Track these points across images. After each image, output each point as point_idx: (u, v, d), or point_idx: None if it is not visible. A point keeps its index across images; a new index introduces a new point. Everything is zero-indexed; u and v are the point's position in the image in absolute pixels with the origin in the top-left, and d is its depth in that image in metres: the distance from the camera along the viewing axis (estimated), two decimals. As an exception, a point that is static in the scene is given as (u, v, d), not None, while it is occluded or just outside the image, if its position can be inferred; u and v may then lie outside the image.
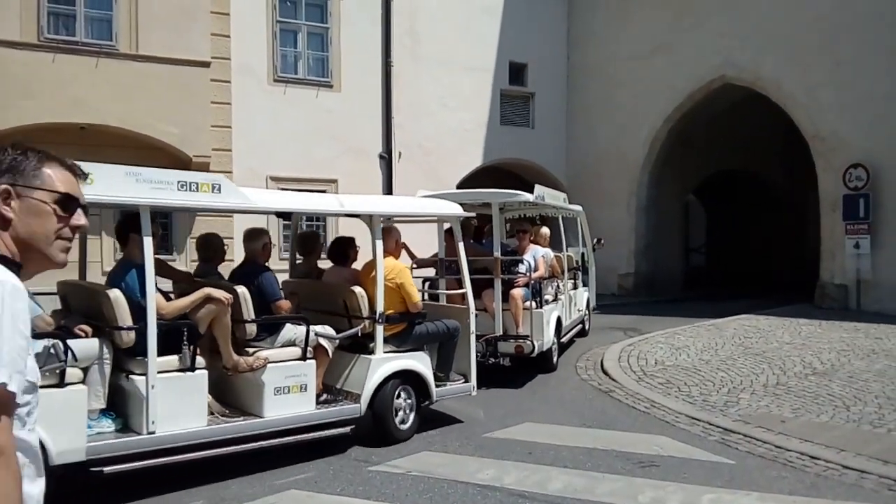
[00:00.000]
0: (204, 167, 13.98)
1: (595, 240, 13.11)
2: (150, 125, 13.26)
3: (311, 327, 5.80)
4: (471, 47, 17.90)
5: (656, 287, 18.50)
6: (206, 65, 13.78)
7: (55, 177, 1.59)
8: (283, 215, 6.93)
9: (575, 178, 19.14)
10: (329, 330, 6.02)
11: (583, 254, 12.50)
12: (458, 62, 17.68)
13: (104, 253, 13.71)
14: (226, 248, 7.16)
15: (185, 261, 14.44)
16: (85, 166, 3.82)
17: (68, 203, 1.59)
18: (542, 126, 19.34)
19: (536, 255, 9.27)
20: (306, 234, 8.03)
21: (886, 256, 13.69)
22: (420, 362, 6.37)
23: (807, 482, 5.08)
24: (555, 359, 9.33)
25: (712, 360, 9.29)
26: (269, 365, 5.53)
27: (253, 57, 15.12)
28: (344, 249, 7.02)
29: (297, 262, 7.66)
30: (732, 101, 17.57)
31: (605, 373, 8.81)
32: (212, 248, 6.66)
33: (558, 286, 9.98)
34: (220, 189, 5.27)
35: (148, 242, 4.98)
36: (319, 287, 6.81)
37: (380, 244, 6.22)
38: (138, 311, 4.93)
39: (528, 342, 8.36)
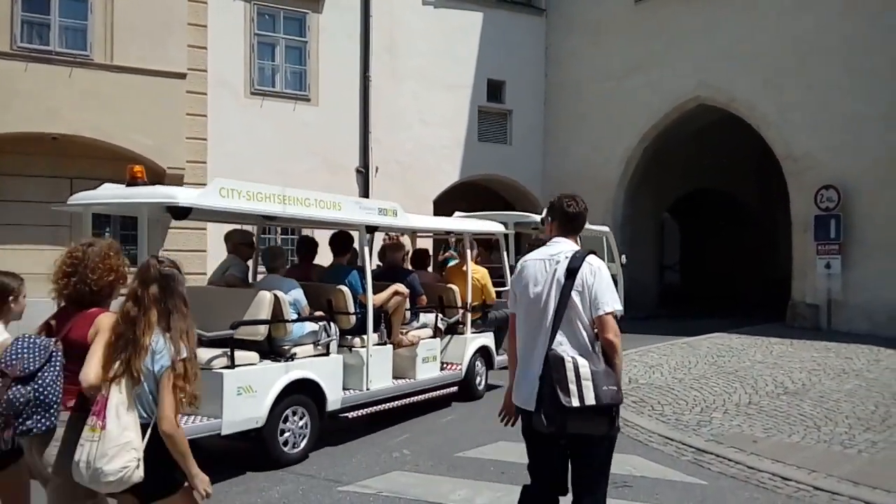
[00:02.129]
0: (178, 179, 13.86)
1: (622, 256, 14.74)
2: (124, 136, 13.12)
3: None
4: (449, 64, 17.96)
5: (631, 304, 18.41)
6: (182, 76, 13.69)
7: None
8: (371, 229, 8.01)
9: (551, 194, 18.83)
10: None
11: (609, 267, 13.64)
12: (437, 79, 17.73)
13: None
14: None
15: (158, 274, 14.26)
16: (333, 198, 6.74)
17: None
18: (519, 143, 19.42)
19: None
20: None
21: (856, 277, 13.87)
22: (489, 339, 8.90)
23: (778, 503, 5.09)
24: None
25: (685, 379, 9.32)
26: (420, 341, 7.74)
27: (230, 69, 15.04)
28: (424, 259, 9.41)
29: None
30: (707, 122, 17.78)
31: (580, 391, 8.78)
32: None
33: None
34: (397, 213, 7.37)
35: (366, 252, 7.21)
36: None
37: (469, 253, 8.80)
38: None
39: None
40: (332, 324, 6.57)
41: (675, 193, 21.15)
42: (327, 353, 6.48)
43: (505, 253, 9.76)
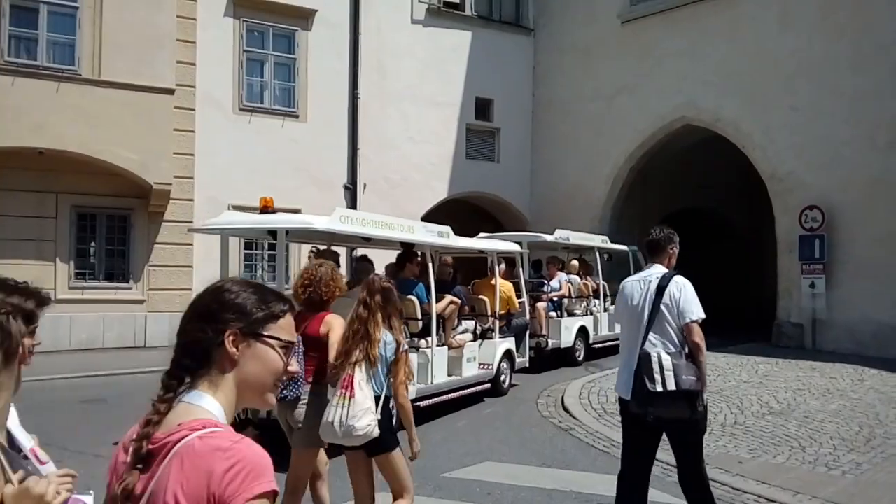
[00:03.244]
0: (164, 195, 13.83)
1: None
2: (111, 151, 13.09)
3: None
4: (438, 82, 18.05)
5: (618, 322, 18.58)
6: (170, 92, 13.68)
7: None
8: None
9: (538, 212, 19.29)
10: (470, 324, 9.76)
11: None
12: (425, 96, 17.81)
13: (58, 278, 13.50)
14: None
15: (143, 289, 14.19)
16: (409, 223, 9.01)
17: None
18: (507, 161, 19.50)
19: (561, 280, 12.89)
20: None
21: (841, 296, 13.96)
22: (512, 344, 10.40)
23: (763, 525, 5.08)
24: (579, 356, 12.81)
25: (672, 399, 9.31)
26: (465, 344, 9.07)
27: (218, 85, 15.04)
28: (456, 274, 10.56)
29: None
30: (693, 141, 17.90)
31: (566, 410, 8.80)
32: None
33: (586, 304, 13.50)
34: (449, 235, 8.95)
35: (430, 267, 8.50)
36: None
37: (497, 269, 10.33)
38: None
39: (545, 340, 11.87)
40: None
41: (661, 212, 21.18)
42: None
43: (521, 269, 11.42)
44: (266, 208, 7.35)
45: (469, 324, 9.68)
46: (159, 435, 1.36)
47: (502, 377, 10.05)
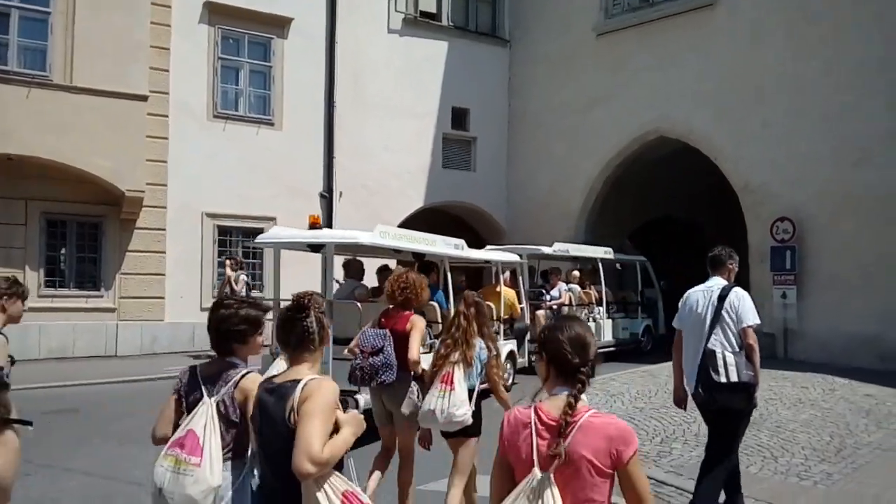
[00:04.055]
0: (137, 202, 13.68)
1: (661, 282, 17.21)
2: (82, 158, 12.93)
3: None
4: (414, 92, 18.07)
5: (592, 332, 18.68)
6: (143, 98, 13.56)
7: None
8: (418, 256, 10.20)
9: (514, 221, 19.35)
10: None
11: (642, 291, 16.80)
12: (402, 106, 17.82)
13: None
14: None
15: (114, 298, 14.00)
16: (431, 237, 9.93)
17: None
18: (483, 170, 19.57)
19: (561, 289, 13.72)
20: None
21: (811, 306, 14.15)
22: (514, 345, 11.52)
23: (737, 536, 5.10)
24: None
25: (646, 408, 9.36)
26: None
27: (192, 93, 14.94)
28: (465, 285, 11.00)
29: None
30: (666, 152, 18.08)
31: (541, 420, 8.80)
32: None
33: (587, 311, 14.29)
34: (463, 247, 10.12)
35: (449, 276, 9.78)
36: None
37: (502, 278, 11.50)
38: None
39: None
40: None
41: (635, 223, 21.40)
42: (430, 352, 8.08)
43: (520, 278, 12.42)
44: (314, 225, 8.53)
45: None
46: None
47: (506, 375, 10.70)
